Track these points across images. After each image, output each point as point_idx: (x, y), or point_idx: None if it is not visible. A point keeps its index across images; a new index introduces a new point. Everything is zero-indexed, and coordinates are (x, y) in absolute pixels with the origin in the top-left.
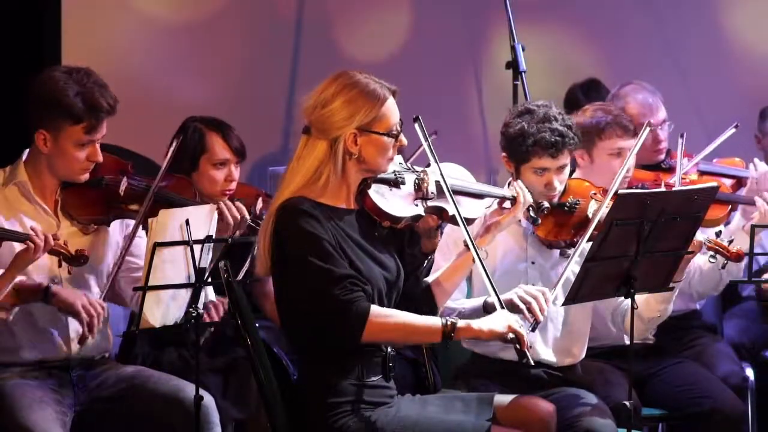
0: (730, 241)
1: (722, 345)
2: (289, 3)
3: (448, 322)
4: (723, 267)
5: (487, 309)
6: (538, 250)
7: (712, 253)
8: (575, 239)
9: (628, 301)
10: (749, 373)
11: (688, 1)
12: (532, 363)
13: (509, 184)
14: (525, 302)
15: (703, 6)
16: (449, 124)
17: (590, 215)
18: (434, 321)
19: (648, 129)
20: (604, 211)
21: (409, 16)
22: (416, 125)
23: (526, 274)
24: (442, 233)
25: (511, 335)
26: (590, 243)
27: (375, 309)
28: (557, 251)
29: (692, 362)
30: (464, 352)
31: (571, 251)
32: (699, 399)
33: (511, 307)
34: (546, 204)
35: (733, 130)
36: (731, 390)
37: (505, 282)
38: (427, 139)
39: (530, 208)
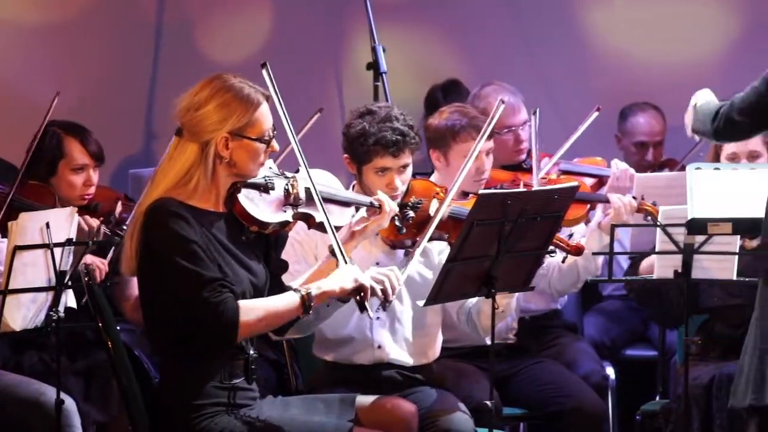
0: (570, 236)
1: (583, 344)
2: (150, 5)
3: (304, 292)
4: (563, 261)
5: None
6: (383, 251)
7: (552, 248)
8: (417, 238)
9: (473, 299)
10: (609, 371)
11: (549, 2)
12: (372, 315)
13: (353, 187)
14: (377, 282)
15: (563, 7)
16: (311, 125)
17: (432, 214)
18: (292, 297)
19: (503, 106)
20: (446, 209)
21: (270, 18)
22: (263, 71)
23: None
24: None
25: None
26: (433, 242)
27: (243, 305)
28: (402, 251)
29: (553, 361)
30: (317, 362)
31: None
32: (560, 398)
33: (363, 288)
34: (411, 213)
35: (596, 113)
36: (592, 389)
37: None
38: (272, 82)
39: (395, 217)
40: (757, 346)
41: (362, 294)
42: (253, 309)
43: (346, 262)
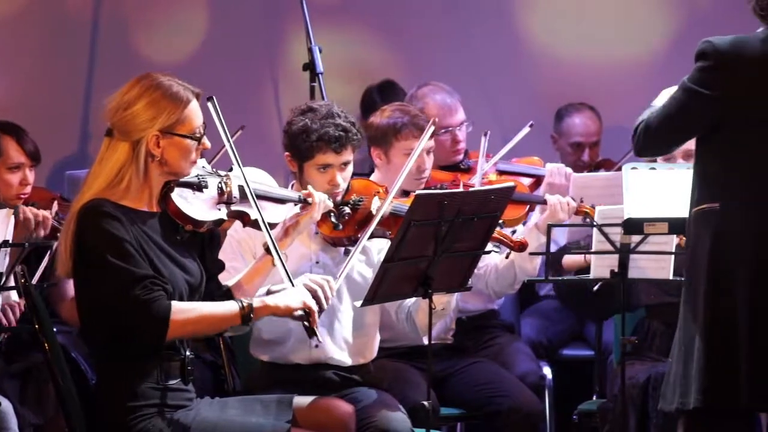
0: (513, 232)
1: (520, 344)
2: (85, 4)
3: (245, 304)
4: (507, 257)
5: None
6: (323, 248)
7: (496, 243)
8: (358, 236)
9: (412, 299)
10: (546, 371)
11: (485, 3)
12: (320, 340)
13: (292, 186)
14: (311, 290)
15: (499, 8)
16: (247, 125)
17: (373, 212)
18: (232, 306)
19: (432, 128)
20: (387, 208)
21: (206, 17)
22: (209, 103)
23: (311, 273)
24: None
25: (300, 312)
26: (373, 241)
27: (176, 306)
28: (342, 249)
29: (490, 361)
30: (254, 362)
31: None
32: (497, 398)
33: (311, 312)
34: (347, 210)
35: (528, 129)
36: (529, 388)
37: None
38: (218, 114)
39: (332, 214)
40: (682, 349)
41: (311, 318)
42: (186, 311)
43: (280, 259)
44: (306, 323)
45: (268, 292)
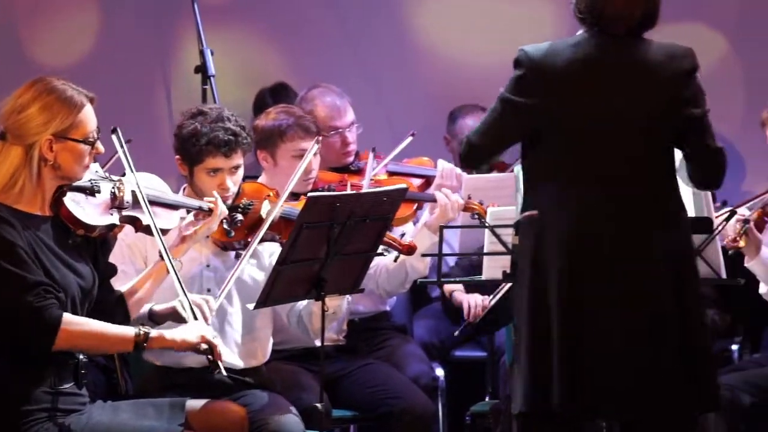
0: (402, 235)
1: (412, 345)
2: None
3: (141, 332)
4: (396, 260)
5: (151, 317)
6: (214, 252)
7: (385, 247)
8: (249, 240)
9: (304, 302)
10: (439, 372)
11: (376, 4)
12: (225, 373)
13: (184, 189)
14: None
15: (390, 8)
16: (138, 128)
17: (264, 216)
18: (127, 330)
19: (317, 146)
20: (278, 211)
21: (97, 20)
22: (113, 136)
23: (201, 277)
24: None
25: (204, 345)
26: (264, 244)
27: (68, 317)
28: (233, 253)
29: (383, 363)
30: (147, 366)
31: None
32: (389, 399)
33: (176, 315)
34: (240, 217)
35: (410, 138)
36: (421, 390)
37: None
38: (123, 147)
39: (224, 221)
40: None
41: (214, 353)
42: (78, 324)
43: (173, 266)
44: (210, 357)
45: (150, 311)
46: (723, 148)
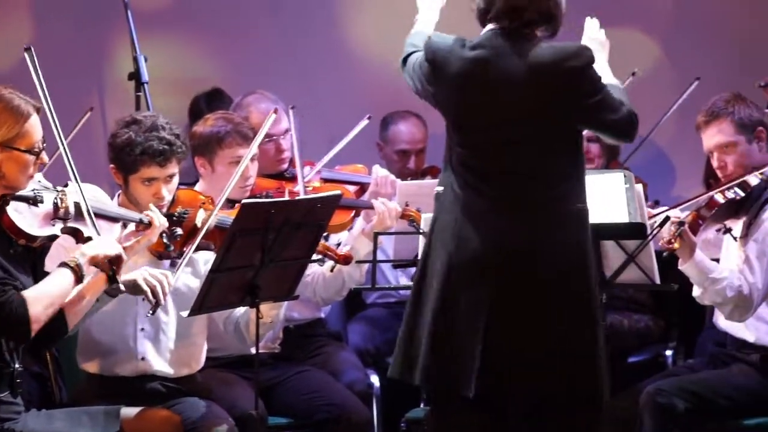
0: (338, 244)
1: (347, 352)
2: None
3: (72, 264)
4: (332, 270)
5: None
6: (149, 261)
7: (320, 256)
8: (184, 249)
9: (240, 309)
10: (374, 379)
11: (313, 11)
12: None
13: (118, 197)
14: (149, 285)
15: (327, 17)
16: (71, 135)
17: (199, 224)
18: (63, 272)
19: (274, 116)
20: (213, 219)
21: (30, 26)
22: (26, 54)
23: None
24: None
25: (117, 252)
26: (199, 251)
27: (28, 296)
28: (168, 262)
29: (318, 370)
30: (81, 374)
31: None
32: (325, 407)
33: (135, 288)
34: (179, 231)
35: (366, 121)
36: (356, 397)
37: None
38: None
39: (164, 234)
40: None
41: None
42: (38, 298)
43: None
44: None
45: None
46: (623, 108)
